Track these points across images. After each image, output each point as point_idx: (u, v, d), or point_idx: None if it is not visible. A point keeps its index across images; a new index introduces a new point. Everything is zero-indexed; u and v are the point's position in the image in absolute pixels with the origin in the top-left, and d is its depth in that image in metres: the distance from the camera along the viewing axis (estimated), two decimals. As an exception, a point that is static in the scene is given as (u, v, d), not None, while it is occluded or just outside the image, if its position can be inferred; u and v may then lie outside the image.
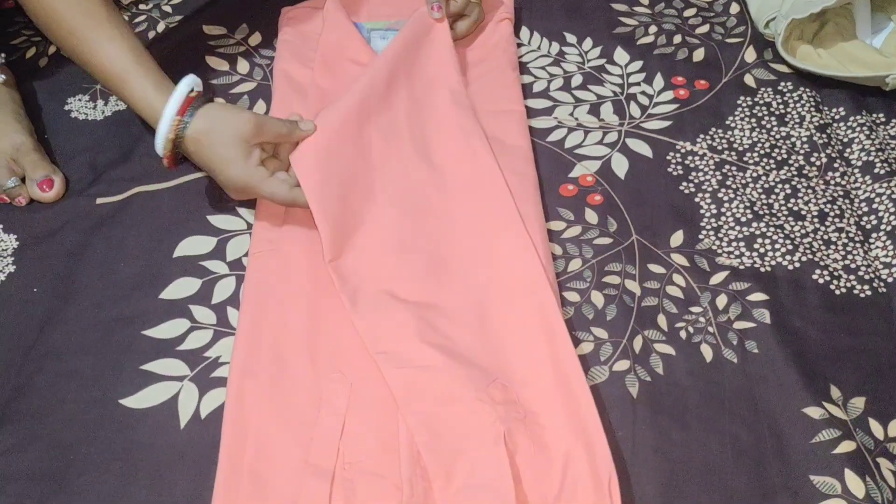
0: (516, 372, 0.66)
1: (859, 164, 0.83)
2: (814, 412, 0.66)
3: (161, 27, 0.96)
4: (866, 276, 0.75)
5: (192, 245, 0.76)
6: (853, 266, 0.76)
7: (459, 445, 0.62)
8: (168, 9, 0.98)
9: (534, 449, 0.62)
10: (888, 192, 0.80)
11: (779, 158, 0.84)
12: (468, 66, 0.91)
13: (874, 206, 0.80)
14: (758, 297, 0.73)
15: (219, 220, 0.78)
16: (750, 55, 0.94)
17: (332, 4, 0.93)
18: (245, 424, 0.63)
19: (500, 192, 0.76)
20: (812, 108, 0.88)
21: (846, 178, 0.83)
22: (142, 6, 0.98)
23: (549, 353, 0.67)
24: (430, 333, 0.68)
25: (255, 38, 0.95)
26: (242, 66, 0.92)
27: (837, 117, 0.88)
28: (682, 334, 0.71)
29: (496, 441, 0.61)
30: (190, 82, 0.72)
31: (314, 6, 0.96)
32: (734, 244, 0.77)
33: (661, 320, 0.72)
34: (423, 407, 0.64)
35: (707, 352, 0.70)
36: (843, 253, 0.77)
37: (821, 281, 0.75)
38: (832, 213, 0.79)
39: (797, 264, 0.76)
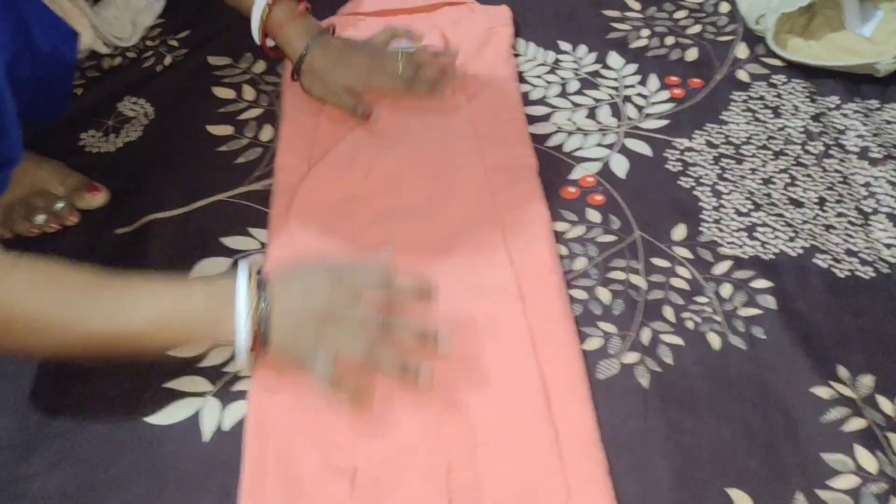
0: (490, 393, 0.66)
1: (856, 149, 0.85)
2: (823, 392, 0.67)
3: (168, 61, 0.99)
4: (868, 258, 0.76)
5: (209, 267, 0.78)
6: (855, 249, 0.77)
7: (398, 482, 0.62)
8: (174, 43, 1.01)
9: (477, 481, 0.62)
10: (885, 174, 0.81)
11: (776, 149, 0.86)
12: (469, 78, 0.93)
13: (872, 189, 0.81)
14: (762, 284, 0.74)
15: (232, 242, 0.80)
16: (742, 51, 0.96)
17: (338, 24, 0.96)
18: (266, 432, 0.65)
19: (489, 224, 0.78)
20: (806, 99, 0.89)
21: (843, 164, 0.84)
22: (148, 42, 1.01)
23: (535, 373, 0.67)
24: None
25: (260, 66, 0.98)
26: (248, 93, 0.95)
27: (832, 106, 0.89)
28: (690, 324, 0.72)
29: (434, 478, 0.62)
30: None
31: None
32: (736, 234, 0.78)
33: (668, 312, 0.73)
34: (368, 442, 0.65)
35: (714, 340, 0.71)
36: (844, 237, 0.78)
37: (823, 265, 0.76)
38: (831, 199, 0.81)
39: (799, 250, 0.77)
